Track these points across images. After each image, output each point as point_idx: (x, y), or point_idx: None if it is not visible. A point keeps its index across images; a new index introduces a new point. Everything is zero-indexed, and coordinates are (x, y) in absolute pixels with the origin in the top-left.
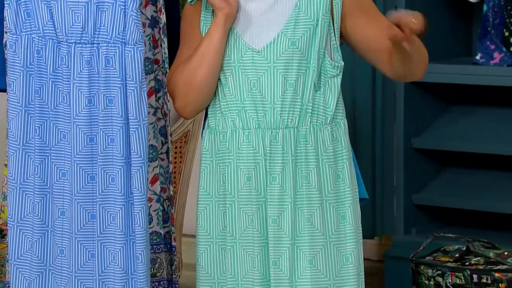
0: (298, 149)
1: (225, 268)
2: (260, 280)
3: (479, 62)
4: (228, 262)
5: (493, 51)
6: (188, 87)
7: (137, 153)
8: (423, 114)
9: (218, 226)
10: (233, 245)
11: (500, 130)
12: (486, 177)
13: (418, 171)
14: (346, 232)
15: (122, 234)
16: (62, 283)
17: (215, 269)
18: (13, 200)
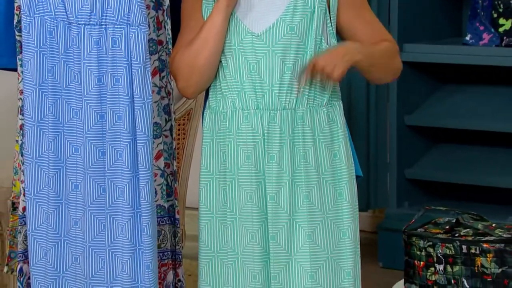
0: (295, 129)
1: (226, 242)
2: (260, 253)
3: (468, 42)
4: (228, 237)
5: (482, 32)
6: (190, 69)
7: (141, 130)
8: (415, 92)
9: (218, 202)
10: (233, 220)
11: (489, 108)
12: (475, 153)
13: (410, 147)
14: (343, 208)
15: (129, 207)
16: (77, 252)
17: (216, 243)
18: (29, 174)
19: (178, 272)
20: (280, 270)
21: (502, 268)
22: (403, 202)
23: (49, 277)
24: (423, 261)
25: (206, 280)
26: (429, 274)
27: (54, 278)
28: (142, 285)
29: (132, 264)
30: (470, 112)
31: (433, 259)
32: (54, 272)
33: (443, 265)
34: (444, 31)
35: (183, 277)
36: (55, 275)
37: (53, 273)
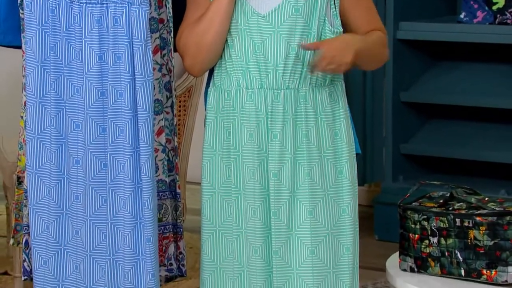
0: (298, 108)
1: (228, 216)
2: (261, 229)
3: (463, 20)
4: (231, 212)
5: (476, 10)
6: (197, 48)
7: (142, 106)
8: (410, 69)
9: (221, 178)
10: (238, 196)
11: (483, 84)
12: (469, 128)
13: (406, 123)
14: (343, 186)
15: (130, 182)
16: (78, 226)
17: (218, 217)
18: (31, 150)
19: (179, 245)
20: (281, 245)
21: (494, 240)
22: (398, 177)
23: (50, 249)
24: (417, 234)
25: (208, 254)
26: (423, 246)
27: (56, 251)
28: (143, 257)
29: (133, 237)
30: (464, 89)
31: (427, 232)
32: (55, 245)
33: (437, 238)
34: (439, 9)
35: (184, 249)
36: (57, 248)
37: (54, 246)
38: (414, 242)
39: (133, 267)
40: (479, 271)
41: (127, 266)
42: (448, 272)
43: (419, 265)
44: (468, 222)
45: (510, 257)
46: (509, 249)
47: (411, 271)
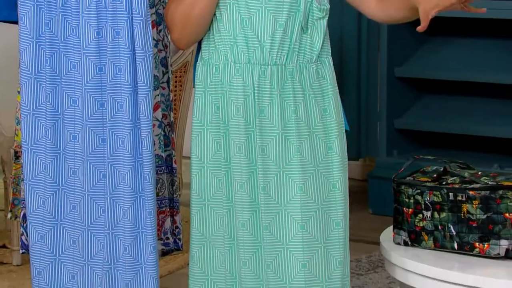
0: (285, 85)
1: (216, 191)
2: (249, 203)
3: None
4: (222, 186)
5: None
6: (185, 21)
7: (143, 81)
8: (405, 45)
9: (210, 153)
10: (227, 171)
11: (475, 59)
12: (462, 103)
13: (400, 98)
14: (333, 161)
15: (130, 157)
16: (76, 201)
17: (206, 192)
18: (26, 125)
19: (175, 219)
20: (270, 220)
21: (487, 214)
22: (393, 151)
23: (46, 224)
24: (411, 208)
25: (198, 227)
26: (417, 220)
27: (52, 226)
28: (143, 230)
29: (133, 210)
30: (458, 64)
31: (421, 206)
32: (52, 220)
33: (431, 212)
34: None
35: (180, 224)
36: (53, 223)
37: (50, 221)
38: (408, 216)
39: (133, 240)
40: (471, 244)
41: (128, 240)
42: (441, 245)
43: (412, 238)
44: (461, 196)
45: (502, 230)
46: (502, 222)
47: (404, 244)
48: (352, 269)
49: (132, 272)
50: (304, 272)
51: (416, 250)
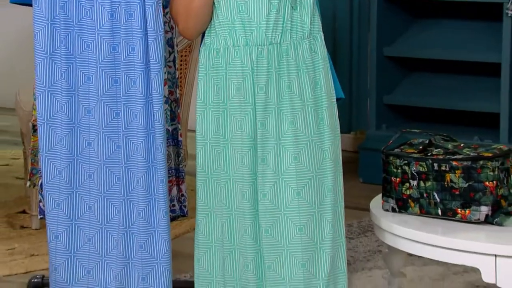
0: (281, 62)
1: (218, 165)
2: (249, 175)
3: None
4: (221, 160)
5: None
6: (186, 13)
7: (155, 59)
8: (393, 26)
9: (212, 130)
10: (226, 145)
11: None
12: (446, 80)
13: (388, 76)
14: (324, 131)
15: (143, 129)
16: (91, 170)
17: (210, 166)
18: (42, 102)
19: (181, 188)
20: (269, 189)
21: (469, 182)
22: (382, 125)
23: (63, 193)
24: (399, 178)
25: (202, 198)
26: (404, 189)
27: (68, 194)
28: (156, 197)
29: (146, 179)
30: (443, 44)
31: (408, 175)
32: (68, 188)
33: (417, 181)
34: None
35: (185, 192)
36: (69, 191)
37: (66, 189)
38: (395, 185)
39: (147, 205)
40: (454, 211)
41: (141, 205)
42: (426, 211)
43: (400, 205)
44: (445, 166)
45: (482, 197)
46: (482, 190)
47: (392, 211)
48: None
49: (146, 234)
50: (301, 235)
51: (403, 216)
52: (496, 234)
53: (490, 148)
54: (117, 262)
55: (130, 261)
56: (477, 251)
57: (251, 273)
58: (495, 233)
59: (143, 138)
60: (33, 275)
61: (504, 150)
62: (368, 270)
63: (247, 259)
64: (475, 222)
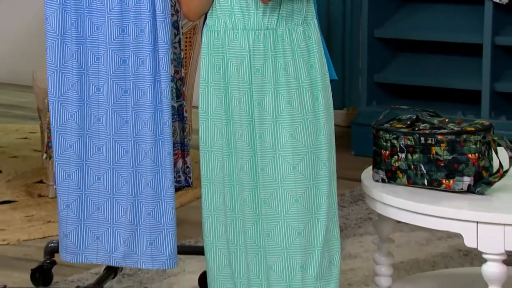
0: (276, 46)
1: (218, 139)
2: (247, 150)
3: None
4: (222, 135)
5: None
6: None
7: (163, 40)
8: (383, 9)
9: (213, 106)
10: (227, 122)
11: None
12: (433, 60)
13: (379, 56)
14: (319, 110)
15: (151, 105)
16: (100, 144)
17: (211, 140)
18: (53, 81)
19: (186, 160)
20: (266, 163)
21: (453, 155)
22: (372, 102)
23: (73, 165)
24: (388, 151)
25: (204, 169)
26: (393, 161)
27: (78, 166)
28: (162, 168)
29: (154, 151)
30: (430, 26)
31: (396, 149)
32: (78, 161)
33: (405, 154)
34: None
35: (190, 164)
36: (79, 163)
37: (77, 161)
38: (385, 158)
39: (154, 176)
40: (439, 181)
41: (149, 176)
42: (414, 182)
43: (389, 176)
44: (431, 140)
45: (465, 169)
46: (465, 162)
47: (382, 181)
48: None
49: (153, 203)
50: (297, 206)
51: (392, 187)
52: (477, 202)
53: (472, 123)
54: (125, 229)
55: (138, 227)
56: (460, 218)
57: (250, 241)
58: (477, 202)
59: (151, 113)
60: (50, 240)
61: (485, 125)
62: (360, 236)
63: (245, 227)
64: (459, 192)
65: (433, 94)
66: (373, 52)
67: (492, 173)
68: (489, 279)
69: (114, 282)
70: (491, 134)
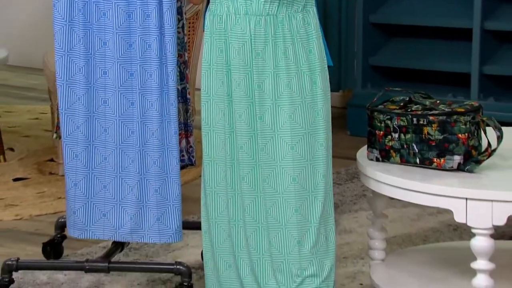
0: (277, 31)
1: (219, 119)
2: (247, 130)
3: None
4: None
5: None
6: None
7: (169, 24)
8: None
9: (215, 88)
10: (229, 103)
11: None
12: (424, 44)
13: (373, 40)
14: (317, 94)
15: (157, 87)
16: (107, 125)
17: (212, 119)
18: (61, 65)
19: (189, 140)
20: (266, 143)
21: (444, 135)
22: (367, 84)
23: (80, 145)
24: (382, 131)
25: (205, 148)
26: (387, 140)
27: (86, 146)
28: (168, 147)
29: (160, 131)
30: (421, 12)
31: (390, 129)
32: (85, 141)
33: (398, 134)
34: None
35: (193, 144)
36: (86, 143)
37: (84, 142)
38: (379, 137)
39: (161, 155)
40: (430, 160)
41: (156, 155)
42: (406, 160)
43: (383, 155)
44: (423, 120)
45: (455, 148)
46: (455, 141)
47: (376, 160)
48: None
49: (160, 180)
50: (294, 185)
51: (385, 165)
52: (467, 180)
53: (462, 104)
54: (132, 206)
55: (145, 204)
56: (450, 195)
57: (249, 217)
58: (466, 179)
59: (157, 95)
60: (60, 215)
61: (475, 106)
62: (355, 212)
63: (244, 203)
64: (449, 170)
65: (425, 77)
66: (368, 37)
67: (481, 152)
68: (478, 252)
69: (121, 255)
70: (480, 114)
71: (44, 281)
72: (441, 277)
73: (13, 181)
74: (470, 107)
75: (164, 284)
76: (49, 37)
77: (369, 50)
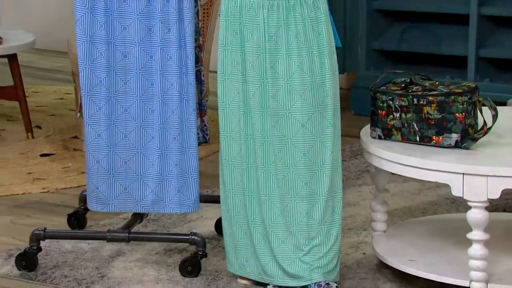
0: (289, 15)
1: (235, 97)
2: (259, 108)
3: None
4: (239, 93)
5: None
6: None
7: (188, 9)
8: None
9: (230, 68)
10: (243, 82)
11: None
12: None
13: (376, 25)
14: (326, 74)
15: (177, 68)
16: (127, 105)
17: (227, 98)
18: (83, 50)
19: (203, 119)
20: (278, 119)
21: (442, 114)
22: (370, 67)
23: (102, 124)
24: (384, 111)
25: (222, 125)
26: (389, 120)
27: (107, 126)
28: (187, 123)
29: (180, 109)
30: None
31: (392, 109)
32: (107, 121)
33: (399, 113)
34: None
35: (207, 122)
36: (108, 123)
37: (105, 122)
38: (381, 117)
39: (180, 131)
40: (430, 137)
41: (176, 131)
42: (407, 138)
43: (385, 134)
44: (423, 100)
45: (453, 126)
46: (453, 120)
47: (379, 138)
48: None
49: (180, 155)
50: (304, 160)
51: (387, 143)
52: (464, 156)
53: (460, 85)
54: (153, 179)
55: (165, 177)
56: (448, 170)
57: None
58: (463, 156)
59: (177, 76)
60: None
61: (471, 87)
62: (358, 186)
63: (257, 174)
64: (447, 147)
65: (425, 60)
66: (371, 22)
67: (477, 130)
68: (473, 223)
69: (140, 226)
70: (476, 95)
71: (69, 249)
72: (439, 247)
73: (40, 156)
74: (467, 88)
75: (180, 253)
76: (74, 22)
77: (373, 35)
